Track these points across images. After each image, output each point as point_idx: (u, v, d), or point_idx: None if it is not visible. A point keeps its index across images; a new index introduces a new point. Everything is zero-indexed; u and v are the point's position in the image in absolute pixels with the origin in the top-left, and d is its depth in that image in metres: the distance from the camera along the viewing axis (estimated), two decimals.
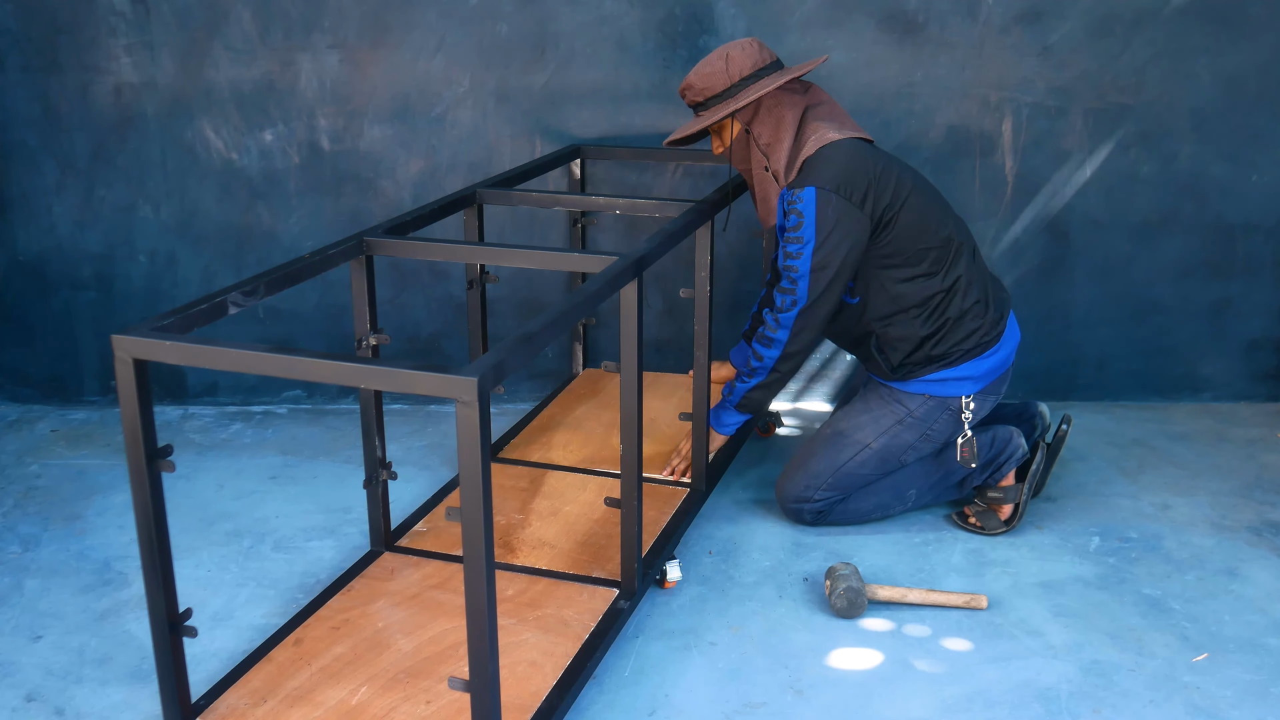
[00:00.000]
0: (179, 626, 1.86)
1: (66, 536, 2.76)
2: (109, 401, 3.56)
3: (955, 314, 2.63)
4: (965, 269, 2.65)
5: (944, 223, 2.64)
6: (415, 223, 2.46)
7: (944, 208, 2.69)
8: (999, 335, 2.69)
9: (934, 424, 2.70)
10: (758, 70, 2.60)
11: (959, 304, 2.63)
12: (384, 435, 2.39)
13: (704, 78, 2.62)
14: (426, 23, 3.26)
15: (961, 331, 2.63)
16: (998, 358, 2.69)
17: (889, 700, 2.15)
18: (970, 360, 2.65)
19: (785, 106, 2.60)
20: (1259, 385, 3.58)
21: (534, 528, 2.61)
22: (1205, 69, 3.29)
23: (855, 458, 2.70)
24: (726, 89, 2.61)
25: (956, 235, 2.66)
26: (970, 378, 2.67)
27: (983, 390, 2.70)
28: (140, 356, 1.71)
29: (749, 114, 2.62)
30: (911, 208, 2.58)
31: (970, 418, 2.69)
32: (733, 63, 2.60)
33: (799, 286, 2.56)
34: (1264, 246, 3.44)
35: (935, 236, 2.61)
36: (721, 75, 2.60)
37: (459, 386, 1.57)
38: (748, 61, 2.60)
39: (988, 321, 2.66)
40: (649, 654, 2.29)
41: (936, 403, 2.68)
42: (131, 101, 3.30)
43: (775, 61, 2.64)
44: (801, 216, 2.52)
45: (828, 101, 2.67)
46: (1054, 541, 2.74)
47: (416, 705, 1.96)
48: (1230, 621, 2.41)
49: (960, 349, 2.64)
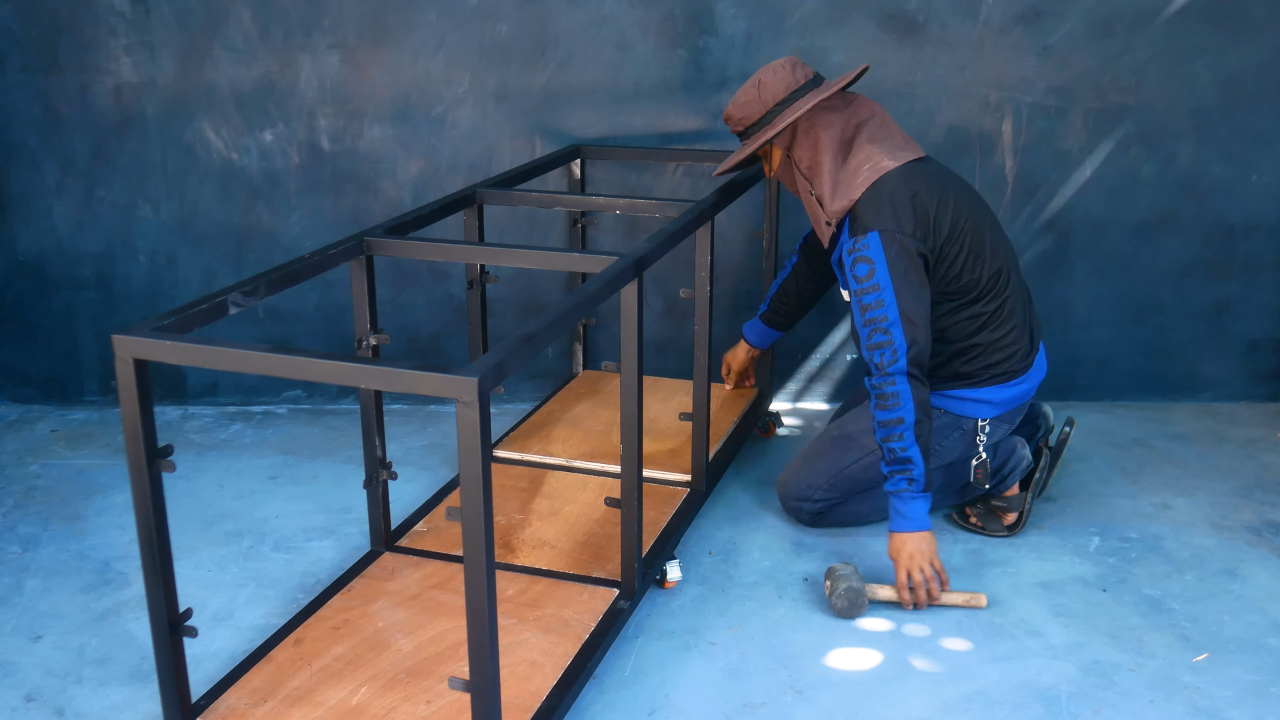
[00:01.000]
0: (179, 627, 1.86)
1: (66, 536, 2.76)
2: (109, 401, 3.56)
3: (988, 340, 2.59)
4: (1009, 298, 2.60)
5: (996, 251, 2.57)
6: (415, 223, 2.46)
7: (995, 230, 2.61)
8: (1028, 366, 2.66)
9: (943, 440, 2.66)
10: (791, 93, 2.53)
11: (994, 331, 2.59)
12: (384, 435, 2.39)
13: (740, 107, 2.58)
14: (426, 23, 3.26)
15: (993, 357, 2.60)
16: (1022, 388, 2.66)
17: (889, 700, 2.15)
18: (995, 385, 2.62)
19: (821, 127, 2.53)
20: (1259, 385, 3.58)
21: (534, 528, 2.61)
22: (1205, 69, 3.29)
23: (859, 462, 2.69)
24: (762, 116, 2.55)
25: (1006, 264, 2.60)
26: (991, 402, 2.64)
27: (999, 417, 2.68)
28: (141, 356, 1.71)
29: (787, 138, 2.56)
30: (965, 242, 2.51)
31: (984, 440, 2.67)
32: (765, 89, 2.54)
33: (894, 336, 2.42)
34: (1264, 246, 3.44)
35: (987, 267, 2.54)
36: (755, 103, 2.55)
37: (460, 386, 1.57)
38: (780, 85, 2.53)
39: (1020, 351, 2.63)
40: (649, 654, 2.29)
41: (950, 420, 2.65)
42: (131, 101, 3.31)
43: (811, 80, 2.55)
44: (872, 264, 2.41)
45: (876, 115, 2.57)
46: (1054, 541, 2.74)
47: (417, 705, 1.96)
48: (1230, 621, 2.41)
49: (988, 372, 2.61)
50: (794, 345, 3.52)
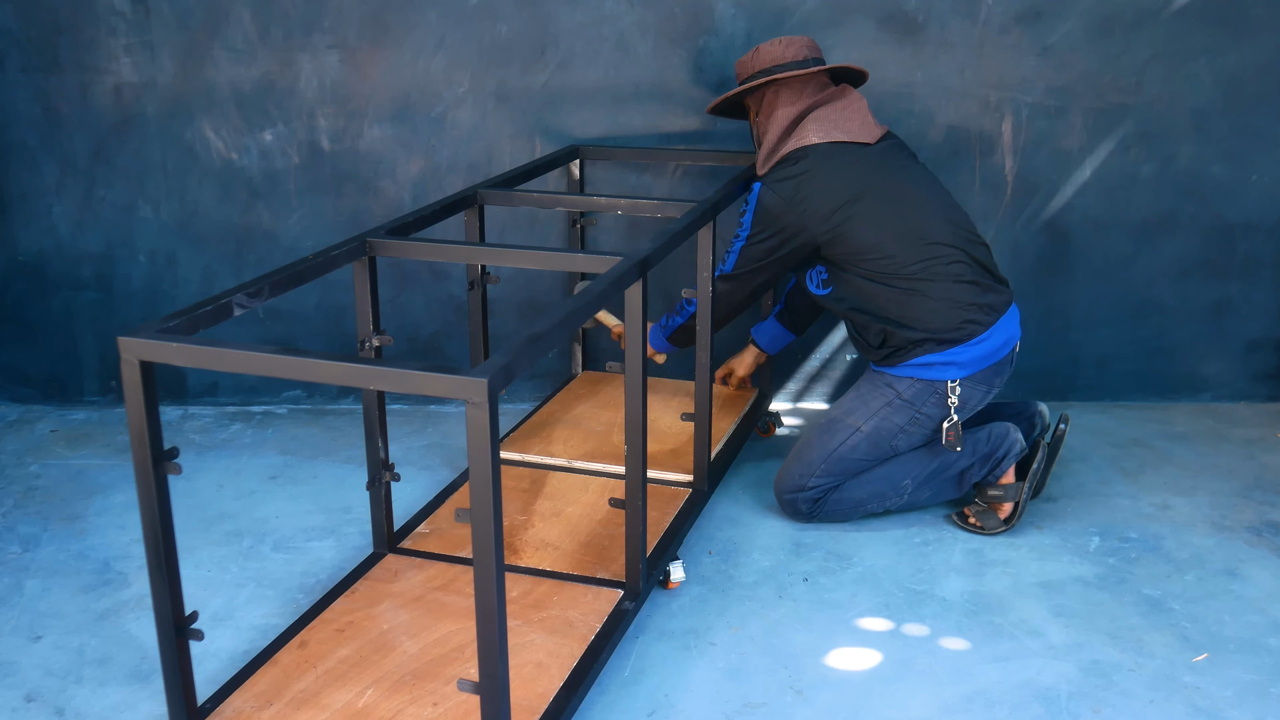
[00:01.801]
0: (185, 630, 1.85)
1: (66, 536, 2.76)
2: (109, 401, 3.56)
3: (923, 303, 2.64)
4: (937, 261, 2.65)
5: (926, 228, 2.66)
6: (417, 223, 2.46)
7: (924, 209, 2.70)
8: (986, 324, 2.68)
9: (923, 406, 2.71)
10: (775, 65, 2.79)
11: (929, 292, 2.64)
12: (387, 436, 2.39)
13: (740, 64, 2.89)
14: (426, 23, 3.26)
15: (934, 321, 2.64)
16: (986, 346, 2.68)
17: (889, 700, 2.15)
18: (956, 346, 2.66)
19: (783, 104, 2.79)
20: (1259, 385, 3.58)
21: (537, 529, 2.61)
22: (1205, 69, 3.29)
23: (846, 441, 2.73)
24: (749, 76, 2.84)
25: (940, 237, 2.67)
26: (955, 363, 2.67)
27: (971, 377, 2.70)
28: (147, 358, 1.71)
29: (757, 103, 2.85)
30: (867, 218, 2.64)
31: (956, 403, 2.70)
32: (759, 55, 2.83)
33: (727, 261, 2.79)
34: (1264, 246, 3.45)
35: (904, 243, 2.65)
36: (748, 64, 2.85)
37: (469, 388, 1.57)
38: (769, 57, 2.80)
39: (965, 307, 2.66)
40: (649, 654, 2.29)
41: (924, 385, 2.70)
42: (131, 101, 3.30)
43: (804, 60, 2.80)
44: (745, 206, 2.75)
45: (840, 102, 2.80)
46: (1054, 541, 2.74)
47: (423, 708, 1.96)
48: (1230, 621, 2.41)
49: (938, 334, 2.65)
50: (794, 345, 3.52)
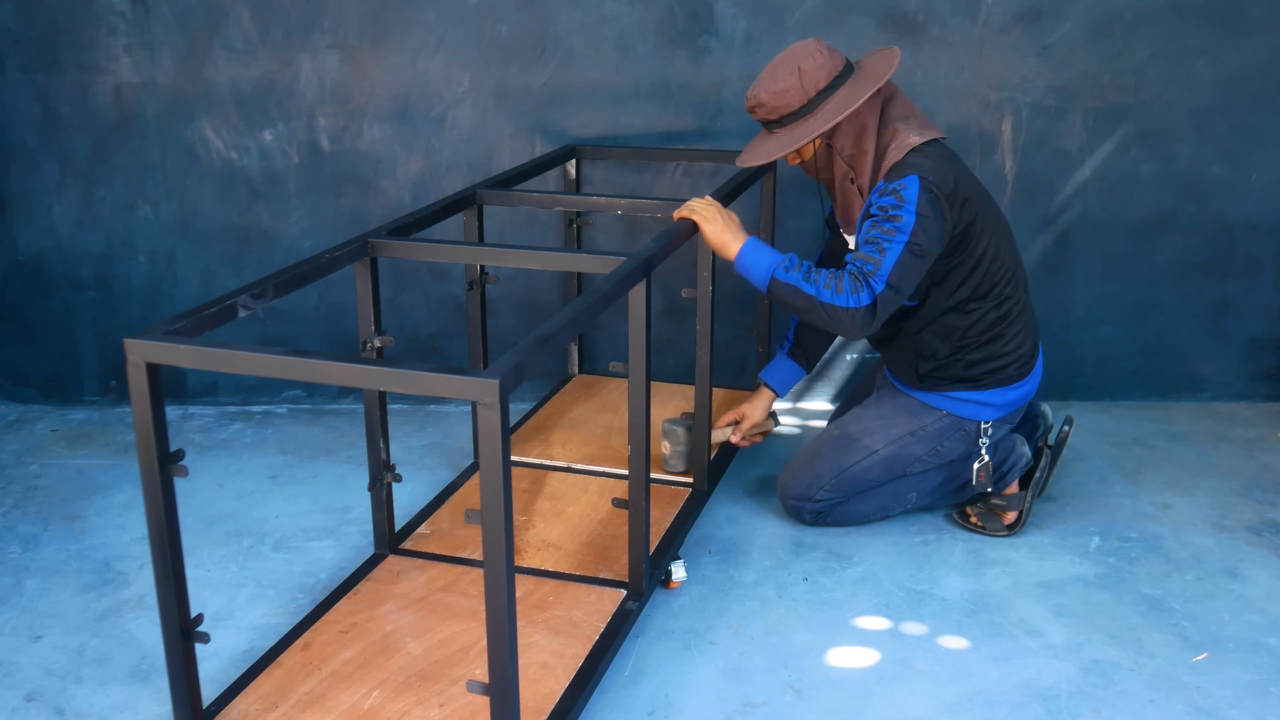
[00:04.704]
0: (191, 632, 1.85)
1: (66, 536, 2.76)
2: (109, 401, 3.56)
3: (998, 342, 2.60)
4: (1019, 301, 2.62)
5: (1010, 249, 2.60)
6: (418, 224, 2.46)
7: (1007, 231, 2.63)
8: (1031, 369, 2.68)
9: (945, 441, 2.68)
10: (834, 80, 2.45)
11: (1005, 334, 2.60)
12: (388, 437, 2.39)
13: (776, 95, 2.46)
14: (426, 23, 3.26)
15: (999, 361, 2.61)
16: (1022, 391, 2.68)
17: (889, 700, 2.16)
18: (999, 388, 2.64)
19: (867, 114, 2.46)
20: (1259, 385, 3.58)
21: (538, 529, 2.61)
22: (1205, 69, 3.29)
23: (861, 463, 2.69)
24: (803, 105, 2.46)
25: (1017, 264, 2.63)
26: (994, 404, 2.65)
27: (1001, 419, 2.69)
28: (154, 360, 1.71)
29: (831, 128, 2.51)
30: (987, 226, 2.52)
31: (987, 443, 2.68)
32: (806, 77, 2.44)
33: (884, 262, 2.36)
34: (1264, 246, 3.45)
35: (1002, 263, 2.56)
36: (797, 92, 2.44)
37: (480, 389, 1.57)
38: (822, 73, 2.44)
39: (1025, 354, 2.65)
40: (649, 654, 2.29)
41: (953, 421, 2.66)
42: (131, 101, 3.30)
43: (847, 65, 2.50)
44: (902, 202, 2.37)
45: (898, 94, 2.54)
46: (1054, 541, 2.74)
47: (430, 709, 1.96)
48: (1230, 621, 2.41)
49: (994, 376, 2.62)
50: None
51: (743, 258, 2.46)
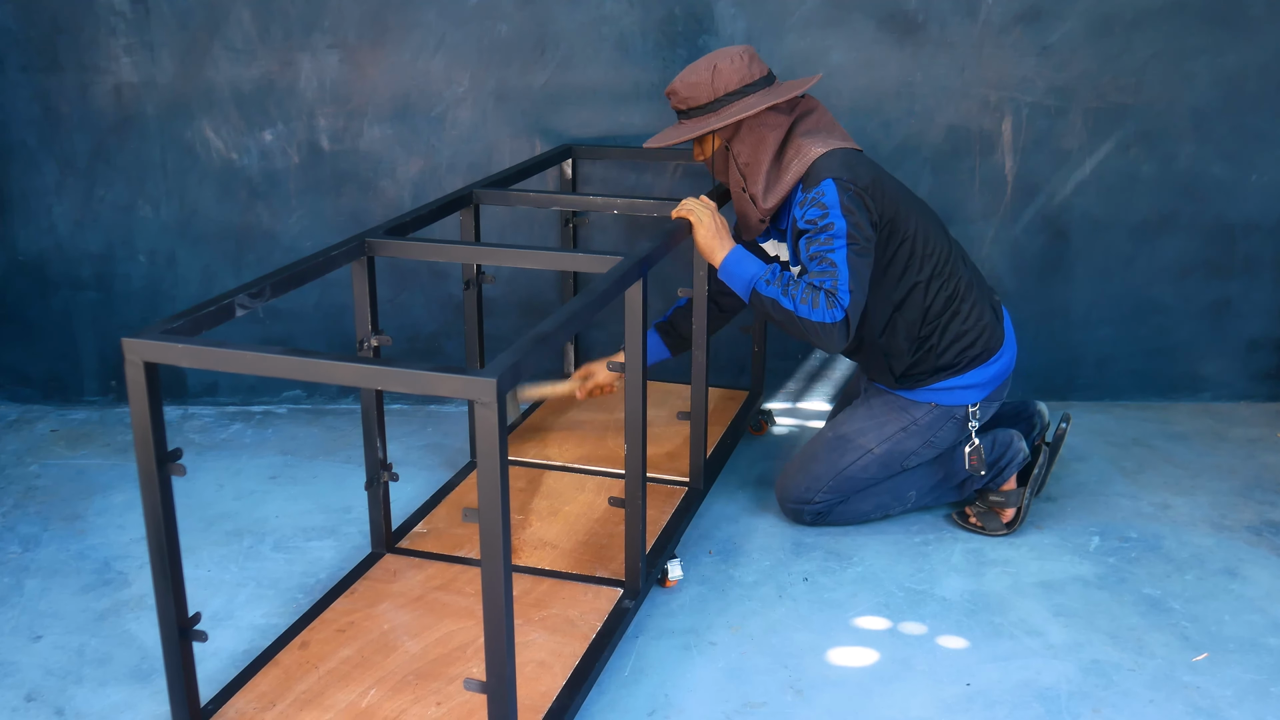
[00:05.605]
0: (189, 631, 1.85)
1: (66, 536, 2.76)
2: (109, 401, 3.56)
3: (957, 319, 2.62)
4: (964, 274, 2.65)
5: (939, 230, 2.65)
6: (415, 223, 2.47)
7: (933, 215, 2.68)
8: (1001, 339, 2.69)
9: (938, 432, 2.69)
10: (744, 86, 2.51)
11: (960, 310, 2.62)
12: (385, 436, 2.39)
13: (689, 86, 2.54)
14: (426, 23, 3.26)
15: (966, 339, 2.63)
16: (1001, 363, 2.69)
17: (889, 700, 2.15)
18: (976, 367, 2.65)
19: (768, 127, 2.53)
20: (1259, 385, 3.58)
21: (535, 528, 2.61)
22: (1205, 69, 3.29)
23: (857, 462, 2.70)
24: (709, 102, 2.53)
25: (952, 242, 2.67)
26: (975, 385, 2.66)
27: (987, 397, 2.70)
28: (152, 360, 1.70)
29: (730, 131, 2.55)
30: (911, 211, 2.57)
31: (975, 425, 2.69)
32: (719, 75, 2.50)
33: (840, 274, 2.39)
34: (1264, 246, 3.45)
35: (934, 243, 2.59)
36: (706, 87, 2.52)
37: (478, 388, 1.56)
38: (734, 76, 2.51)
39: (989, 326, 2.66)
40: (649, 654, 2.29)
41: (942, 411, 2.67)
42: (131, 101, 3.30)
43: (765, 76, 2.54)
44: (825, 209, 2.41)
45: (816, 111, 2.59)
46: (1054, 541, 2.74)
47: (427, 707, 1.96)
48: (1230, 621, 2.41)
49: (967, 355, 2.63)
50: (792, 345, 3.52)
51: (726, 266, 2.52)
